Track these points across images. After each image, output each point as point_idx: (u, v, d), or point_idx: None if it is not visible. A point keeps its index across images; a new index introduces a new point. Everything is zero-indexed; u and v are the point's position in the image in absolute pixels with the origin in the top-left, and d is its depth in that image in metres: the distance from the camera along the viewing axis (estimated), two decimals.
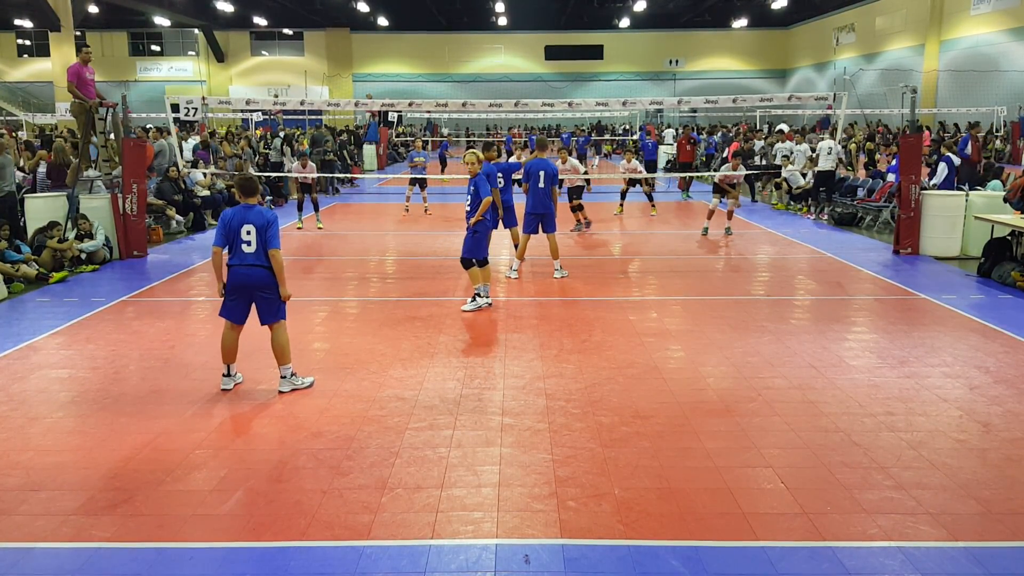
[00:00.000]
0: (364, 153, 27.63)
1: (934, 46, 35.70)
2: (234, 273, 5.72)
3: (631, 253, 11.97)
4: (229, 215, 5.76)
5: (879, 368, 6.40)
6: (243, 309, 5.83)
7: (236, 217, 5.71)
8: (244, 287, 5.71)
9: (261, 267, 5.67)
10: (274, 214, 5.83)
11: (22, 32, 48.06)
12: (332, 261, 11.69)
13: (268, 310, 5.81)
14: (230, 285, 5.75)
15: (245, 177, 5.93)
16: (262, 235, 5.63)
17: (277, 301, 5.80)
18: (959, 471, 4.53)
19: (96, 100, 11.93)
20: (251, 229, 5.64)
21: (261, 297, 5.75)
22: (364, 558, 3.69)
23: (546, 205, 9.63)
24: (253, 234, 5.63)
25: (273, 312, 5.82)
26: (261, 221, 5.66)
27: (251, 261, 5.66)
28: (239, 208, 5.76)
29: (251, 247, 5.64)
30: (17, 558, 3.71)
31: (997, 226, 10.04)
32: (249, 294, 5.74)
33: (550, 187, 9.63)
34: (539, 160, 9.80)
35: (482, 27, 51.01)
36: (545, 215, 9.69)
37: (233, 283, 5.73)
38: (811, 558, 3.67)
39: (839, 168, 16.14)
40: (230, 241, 5.72)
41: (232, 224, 5.70)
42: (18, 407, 5.62)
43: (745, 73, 52.35)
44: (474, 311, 8.19)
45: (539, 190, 9.62)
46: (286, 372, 5.94)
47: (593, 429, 5.15)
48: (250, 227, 5.65)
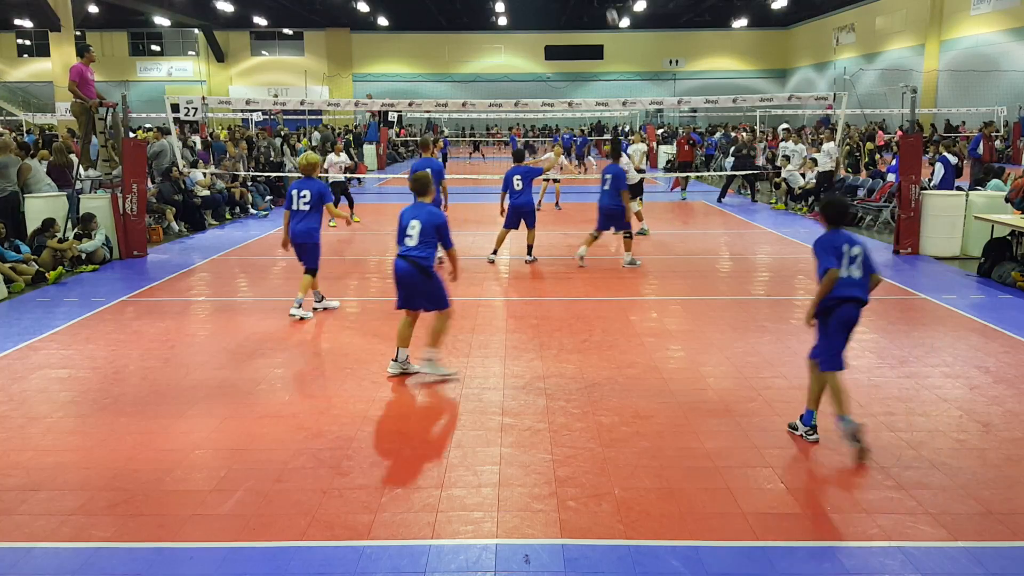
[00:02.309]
0: (364, 153, 27.67)
1: (934, 46, 35.72)
2: (395, 265, 5.97)
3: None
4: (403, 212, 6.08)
5: (879, 368, 6.40)
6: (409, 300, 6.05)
7: (406, 213, 6.00)
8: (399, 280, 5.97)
9: (410, 262, 5.87)
10: (444, 215, 6.06)
11: (22, 32, 48.10)
12: (332, 261, 11.68)
13: (424, 302, 6.01)
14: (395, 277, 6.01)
15: (414, 177, 6.17)
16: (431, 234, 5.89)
17: (437, 292, 5.97)
18: (959, 471, 4.53)
19: (96, 100, 11.94)
20: (415, 224, 5.89)
21: (413, 290, 5.97)
22: (364, 558, 3.69)
23: (609, 203, 10.35)
24: (417, 229, 5.88)
25: (434, 301, 6.01)
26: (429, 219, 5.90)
27: (409, 255, 5.88)
28: (411, 205, 6.05)
29: (413, 240, 5.88)
30: (17, 558, 3.71)
31: (997, 226, 10.04)
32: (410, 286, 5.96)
33: (616, 189, 10.35)
34: (611, 166, 10.55)
35: (482, 27, 51.04)
36: (610, 214, 10.38)
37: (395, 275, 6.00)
38: (811, 558, 3.67)
39: (838, 169, 16.14)
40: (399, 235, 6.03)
41: (401, 219, 6.01)
42: (18, 407, 5.62)
43: (745, 73, 52.39)
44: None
45: (603, 192, 10.39)
46: (431, 355, 6.10)
47: (593, 429, 5.15)
48: (415, 222, 5.90)
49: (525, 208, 10.67)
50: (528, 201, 10.70)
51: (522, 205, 10.63)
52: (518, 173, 10.66)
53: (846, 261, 4.73)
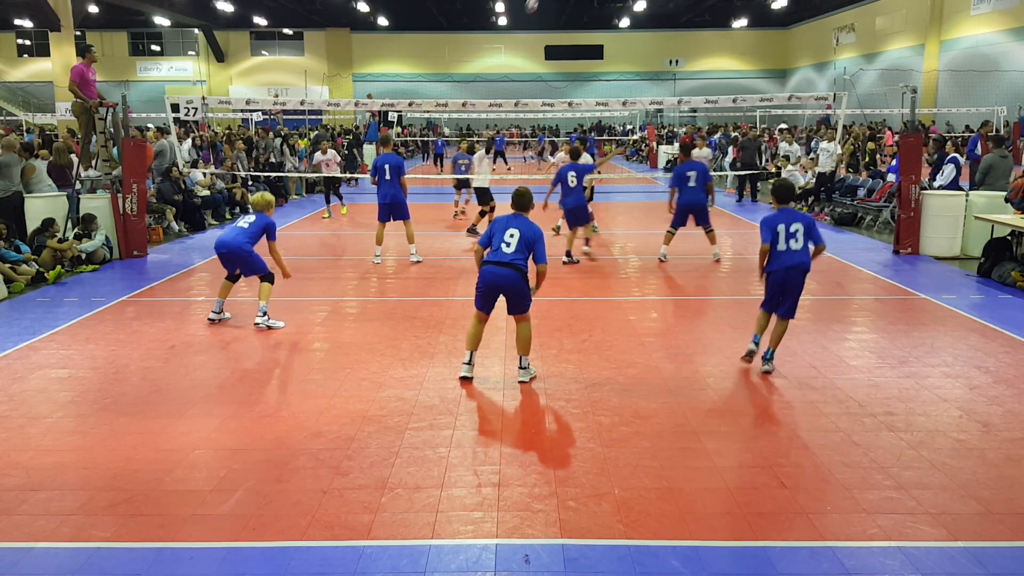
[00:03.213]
0: (364, 153, 27.68)
1: (934, 46, 35.72)
2: (487, 270, 5.99)
3: (631, 253, 11.96)
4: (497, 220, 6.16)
5: (879, 368, 6.41)
6: (491, 301, 6.08)
7: (499, 223, 6.07)
8: (493, 285, 5.97)
9: (513, 268, 5.90)
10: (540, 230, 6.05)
11: (22, 32, 48.07)
12: (332, 261, 11.69)
13: (515, 304, 6.06)
14: (481, 281, 6.03)
15: (518, 193, 6.22)
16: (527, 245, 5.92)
17: (525, 299, 6.02)
18: (959, 471, 4.53)
19: (96, 100, 11.94)
20: (515, 233, 5.93)
21: (510, 293, 6.00)
22: (364, 558, 3.69)
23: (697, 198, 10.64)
24: (516, 238, 5.91)
25: (520, 307, 6.05)
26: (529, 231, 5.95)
27: (506, 260, 5.90)
28: (509, 216, 6.09)
29: (510, 248, 5.91)
30: (17, 558, 3.71)
31: (997, 226, 10.04)
32: (497, 291, 6.00)
33: (703, 184, 10.67)
34: (689, 162, 10.82)
35: (482, 27, 51.02)
36: (696, 209, 10.66)
37: (484, 279, 6.01)
38: (811, 558, 3.67)
39: (838, 168, 16.14)
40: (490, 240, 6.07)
41: (496, 227, 6.07)
42: (18, 407, 5.62)
43: (745, 73, 52.37)
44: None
45: (688, 189, 10.58)
46: (524, 363, 6.15)
47: (593, 429, 5.15)
48: (514, 231, 5.94)
49: (579, 207, 10.61)
50: (582, 200, 10.63)
51: (577, 204, 10.57)
52: (573, 170, 10.56)
53: (783, 237, 5.99)
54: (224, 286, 7.93)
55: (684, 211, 10.69)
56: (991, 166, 11.70)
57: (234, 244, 7.64)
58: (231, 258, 7.74)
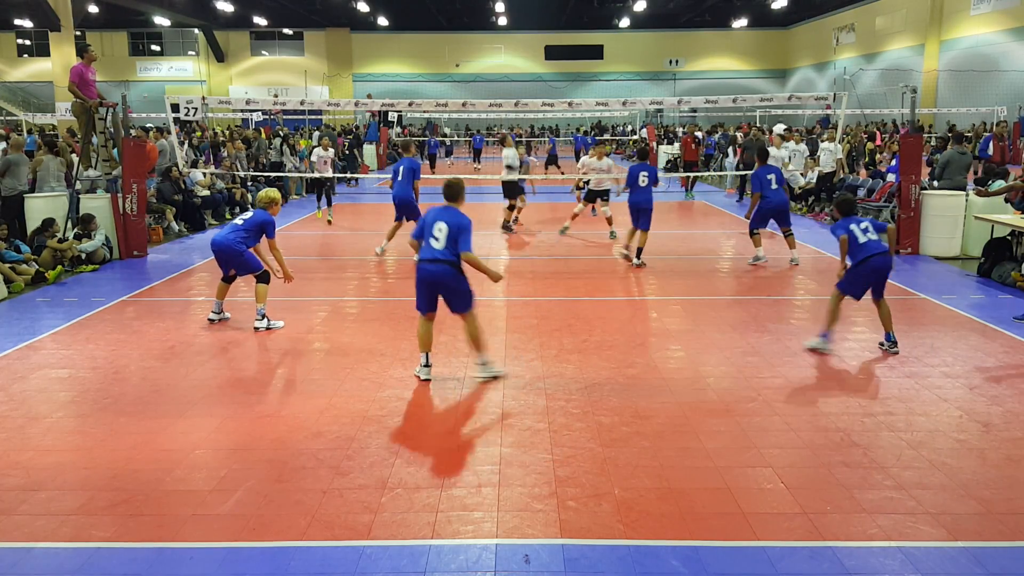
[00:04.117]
0: (364, 153, 27.68)
1: (934, 46, 35.71)
2: (419, 268, 5.94)
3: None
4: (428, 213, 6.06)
5: (879, 368, 6.40)
6: (430, 300, 6.02)
7: (429, 215, 5.97)
8: (427, 283, 5.93)
9: (444, 263, 5.82)
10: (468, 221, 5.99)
11: (22, 32, 48.06)
12: (332, 261, 11.69)
13: (453, 302, 5.99)
14: (416, 280, 5.99)
15: (447, 183, 6.16)
16: (454, 238, 5.83)
17: (462, 295, 5.94)
18: (959, 471, 4.53)
19: (96, 100, 11.94)
20: (443, 227, 5.83)
21: (444, 291, 5.95)
22: (364, 558, 3.69)
23: (783, 199, 10.78)
24: (444, 232, 5.83)
25: (459, 304, 5.99)
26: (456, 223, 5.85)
27: (436, 256, 5.83)
28: (439, 208, 6.01)
29: (439, 243, 5.84)
30: (17, 558, 3.71)
31: (997, 226, 10.04)
32: (432, 288, 5.95)
33: (782, 186, 10.79)
34: (767, 167, 10.78)
35: (482, 27, 51.02)
36: (781, 211, 10.74)
37: (418, 277, 5.97)
38: (811, 558, 3.67)
39: (839, 168, 16.14)
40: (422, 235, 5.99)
41: (427, 220, 5.97)
42: (18, 407, 5.62)
43: (745, 73, 52.37)
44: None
45: (772, 191, 10.63)
46: (481, 359, 6.12)
47: (593, 429, 5.15)
48: (442, 224, 5.84)
49: (645, 207, 10.62)
50: (649, 200, 10.65)
51: (644, 203, 10.59)
52: (644, 170, 10.66)
53: (859, 231, 6.72)
54: (220, 288, 7.86)
55: (767, 213, 10.73)
56: (949, 161, 11.92)
57: (224, 242, 7.48)
58: (223, 257, 7.58)
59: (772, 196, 10.61)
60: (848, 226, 6.82)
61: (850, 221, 6.87)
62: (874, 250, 6.65)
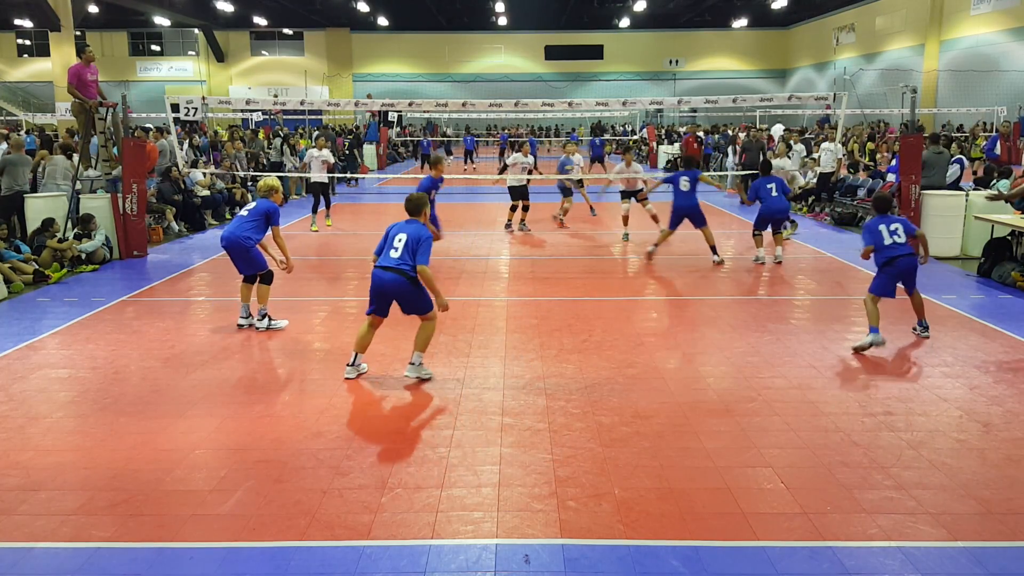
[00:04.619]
0: (364, 153, 27.69)
1: (934, 46, 35.72)
2: (374, 274, 5.98)
3: (631, 253, 11.97)
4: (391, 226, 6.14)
5: (879, 368, 6.40)
6: (380, 306, 6.08)
7: (391, 229, 6.05)
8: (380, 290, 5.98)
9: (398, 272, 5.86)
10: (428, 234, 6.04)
11: (22, 32, 48.08)
12: (332, 261, 11.70)
13: (409, 308, 6.06)
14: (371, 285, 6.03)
15: (409, 197, 6.21)
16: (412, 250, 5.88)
17: (418, 301, 5.98)
18: (959, 471, 4.53)
19: (96, 100, 11.94)
20: (403, 237, 5.91)
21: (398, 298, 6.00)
22: (364, 558, 3.69)
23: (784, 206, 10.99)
24: (403, 241, 5.88)
25: (416, 309, 6.03)
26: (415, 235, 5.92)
27: (391, 265, 5.88)
28: (402, 222, 6.06)
29: (397, 252, 5.89)
30: (17, 558, 3.71)
31: (997, 226, 10.04)
32: (385, 296, 6.00)
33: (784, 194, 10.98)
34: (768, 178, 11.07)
35: (482, 27, 51.05)
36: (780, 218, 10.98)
37: (372, 283, 6.01)
38: (811, 558, 3.67)
39: (839, 168, 16.13)
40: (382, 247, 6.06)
41: (388, 232, 6.06)
42: (18, 407, 5.62)
43: (745, 73, 52.39)
44: None
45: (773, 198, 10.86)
46: (415, 359, 6.11)
47: (593, 429, 5.15)
48: (402, 235, 5.91)
49: (690, 211, 10.79)
50: (695, 202, 10.81)
51: (687, 207, 10.76)
52: (686, 175, 10.88)
53: (887, 234, 6.98)
54: (243, 290, 7.66)
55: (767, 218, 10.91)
56: (925, 162, 11.95)
57: (232, 237, 7.36)
58: (233, 252, 7.44)
59: (773, 203, 10.82)
60: (878, 226, 7.04)
61: (881, 220, 7.09)
62: (899, 252, 6.91)
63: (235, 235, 7.38)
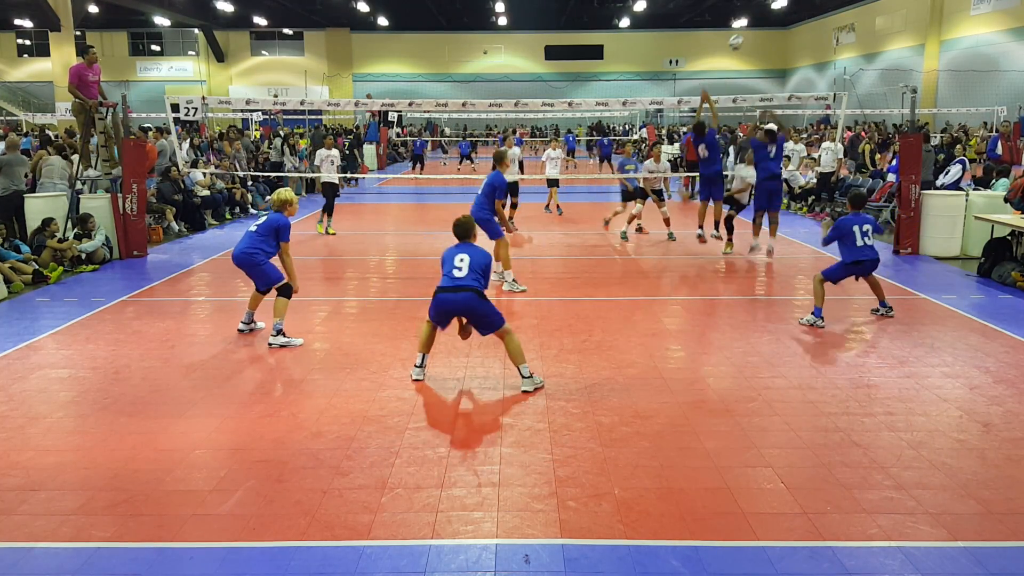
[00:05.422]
0: (364, 153, 27.70)
1: (934, 46, 35.71)
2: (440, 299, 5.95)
3: (631, 253, 11.97)
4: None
5: (879, 368, 6.40)
6: (444, 321, 6.08)
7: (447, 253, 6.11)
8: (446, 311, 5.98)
9: (467, 291, 5.87)
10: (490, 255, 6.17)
11: (22, 32, 48.08)
12: (332, 261, 11.70)
13: (482, 326, 6.01)
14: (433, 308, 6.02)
15: (457, 222, 6.25)
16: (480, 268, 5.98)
17: (487, 316, 5.93)
18: (959, 471, 4.53)
19: (96, 100, 11.94)
20: (464, 258, 5.98)
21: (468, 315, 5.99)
22: (364, 558, 3.69)
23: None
24: (466, 262, 5.95)
25: (488, 326, 5.98)
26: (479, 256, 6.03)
27: (460, 284, 5.89)
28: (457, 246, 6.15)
29: (461, 272, 5.92)
30: (17, 558, 3.71)
31: (997, 226, 10.04)
32: (451, 315, 6.01)
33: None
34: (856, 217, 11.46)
35: (482, 27, 51.03)
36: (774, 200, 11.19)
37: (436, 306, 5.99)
38: (811, 558, 3.67)
39: (839, 168, 16.14)
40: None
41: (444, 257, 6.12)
42: (18, 407, 5.62)
43: (745, 73, 52.36)
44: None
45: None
46: (524, 371, 5.97)
47: (593, 429, 5.15)
48: (465, 256, 5.99)
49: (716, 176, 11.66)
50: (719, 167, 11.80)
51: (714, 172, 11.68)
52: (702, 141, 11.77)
53: (859, 235, 7.57)
54: (253, 297, 7.44)
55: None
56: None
57: (242, 254, 7.08)
58: (245, 269, 7.21)
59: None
60: (851, 227, 7.61)
61: (855, 220, 7.65)
62: (868, 256, 7.66)
63: (245, 251, 7.09)
